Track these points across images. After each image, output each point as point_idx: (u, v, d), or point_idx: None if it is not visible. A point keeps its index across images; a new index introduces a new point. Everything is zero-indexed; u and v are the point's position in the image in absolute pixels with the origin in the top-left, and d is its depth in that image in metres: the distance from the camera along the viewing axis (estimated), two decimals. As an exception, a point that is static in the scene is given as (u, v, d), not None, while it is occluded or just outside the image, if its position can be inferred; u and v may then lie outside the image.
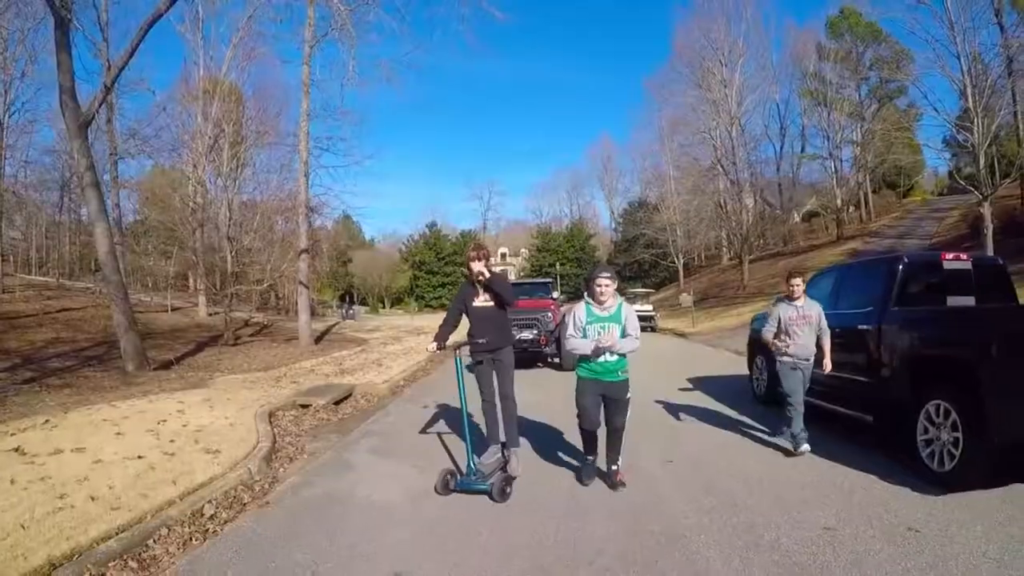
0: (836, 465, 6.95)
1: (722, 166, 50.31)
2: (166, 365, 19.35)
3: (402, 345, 27.93)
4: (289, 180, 38.26)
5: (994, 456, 5.73)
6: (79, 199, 48.47)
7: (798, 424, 7.45)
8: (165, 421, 9.50)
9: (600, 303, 6.18)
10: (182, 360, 20.85)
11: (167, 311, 34.57)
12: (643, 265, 75.76)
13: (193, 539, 5.27)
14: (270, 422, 9.82)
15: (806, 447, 7.35)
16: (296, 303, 50.46)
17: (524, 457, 7.21)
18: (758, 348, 11.26)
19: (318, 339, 30.86)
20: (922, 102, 36.02)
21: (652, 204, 66.69)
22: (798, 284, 7.77)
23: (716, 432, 8.99)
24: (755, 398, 11.48)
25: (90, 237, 52.12)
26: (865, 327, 7.85)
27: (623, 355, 6.17)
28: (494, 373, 7.16)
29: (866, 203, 61.50)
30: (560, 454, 7.67)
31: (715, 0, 52.15)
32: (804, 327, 7.68)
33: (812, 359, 7.81)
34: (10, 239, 43.66)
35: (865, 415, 7.76)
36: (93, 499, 5.74)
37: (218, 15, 35.56)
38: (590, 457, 6.57)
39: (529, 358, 17.15)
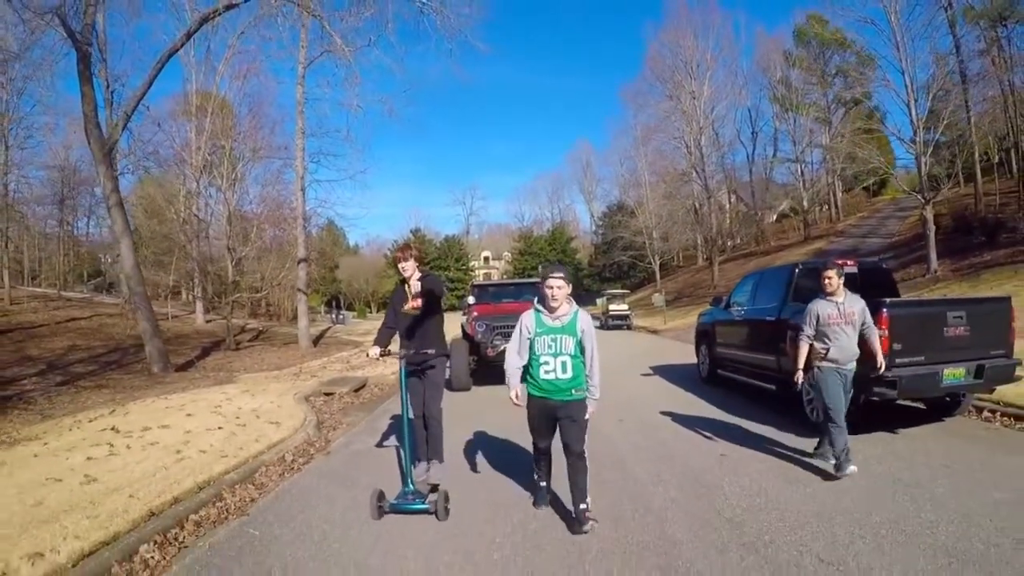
0: (745, 420, 9.38)
1: (696, 171, 52.44)
2: (184, 367, 21.24)
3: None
4: (282, 192, 39.73)
5: (853, 411, 8.04)
6: (73, 214, 50.02)
7: (840, 442, 6.49)
8: (220, 406, 11.62)
9: (551, 310, 5.34)
10: (195, 363, 22.70)
11: (167, 319, 35.91)
12: (622, 267, 77.31)
13: (285, 473, 7.54)
14: (307, 404, 12.07)
15: (852, 468, 6.32)
16: (287, 309, 52.29)
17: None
18: (702, 338, 13.81)
19: (315, 342, 32.38)
20: (878, 112, 38.37)
21: (630, 208, 68.28)
22: (831, 277, 6.87)
23: (663, 402, 11.30)
24: (700, 379, 13.80)
25: (78, 247, 53.65)
26: (771, 318, 10.11)
27: (576, 375, 5.34)
28: (423, 387, 6.84)
29: (835, 203, 63.39)
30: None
31: (684, 16, 54.69)
32: (846, 327, 6.74)
33: (855, 364, 6.85)
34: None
35: (769, 385, 10.12)
36: (203, 452, 7.95)
37: (211, 33, 35.77)
38: (543, 483, 5.90)
39: None
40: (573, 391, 5.32)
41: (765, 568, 4.35)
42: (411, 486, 5.93)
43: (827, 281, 6.88)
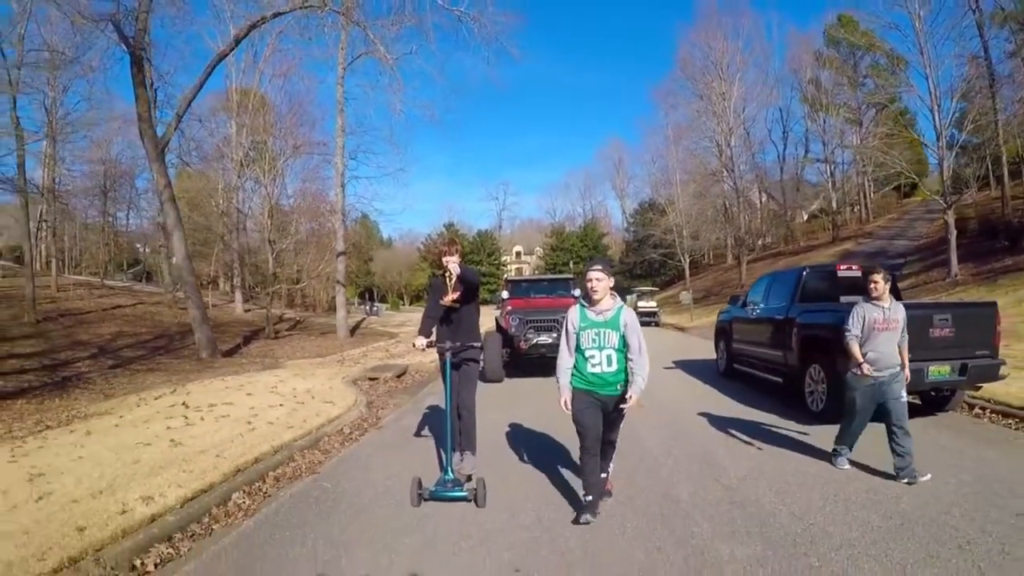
0: (753, 409, 10.34)
1: (726, 170, 52.94)
2: (229, 353, 22.43)
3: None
4: (320, 187, 40.94)
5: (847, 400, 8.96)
6: (114, 205, 51.37)
7: (848, 437, 6.86)
8: (276, 388, 12.73)
9: (593, 303, 5.51)
10: (238, 350, 23.90)
11: (207, 308, 36.94)
12: (653, 264, 77.28)
13: (345, 443, 8.67)
14: (356, 387, 13.21)
15: (847, 465, 6.80)
16: (323, 300, 53.53)
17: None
18: (720, 335, 14.83)
19: (352, 332, 33.59)
20: (908, 114, 38.76)
21: (661, 206, 68.61)
22: (878, 281, 6.66)
23: (681, 392, 12.46)
24: (718, 373, 14.77)
25: (117, 237, 55.14)
26: (780, 317, 11.04)
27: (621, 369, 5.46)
28: (458, 378, 6.96)
29: (865, 204, 63.56)
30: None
31: (715, 18, 55.43)
32: (889, 333, 6.63)
33: (898, 371, 6.67)
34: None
35: (775, 377, 11.13)
36: (271, 424, 9.07)
37: (251, 35, 36.09)
38: (589, 496, 5.54)
39: (548, 365, 13.87)
40: (618, 386, 5.44)
41: (747, 519, 5.32)
42: (451, 474, 6.19)
43: (873, 285, 6.69)
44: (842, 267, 11.32)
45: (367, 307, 67.70)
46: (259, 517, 5.75)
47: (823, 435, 7.99)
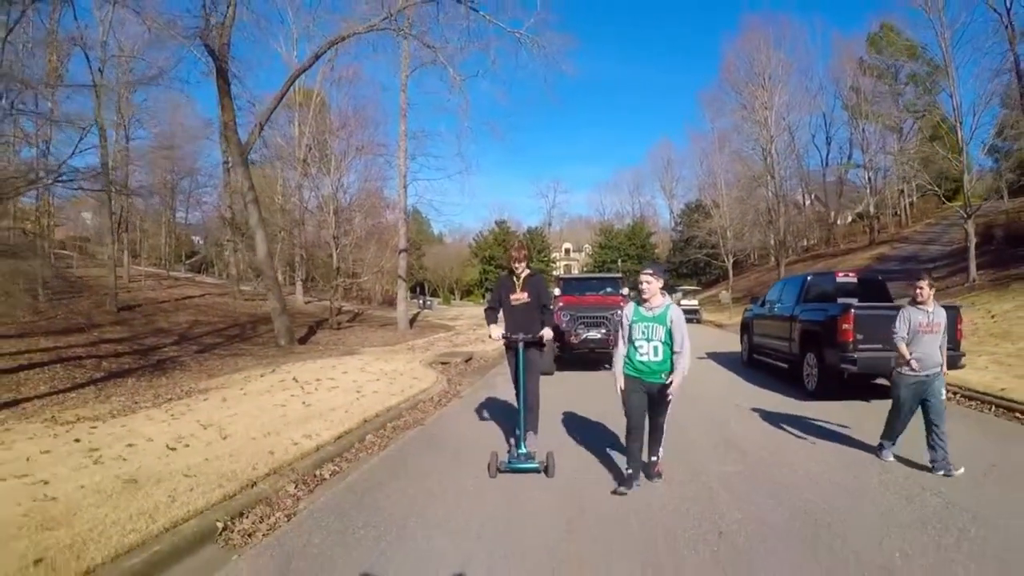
0: (762, 388, 12.70)
1: (769, 175, 54.43)
2: (302, 341, 24.25)
3: (488, 329, 32.51)
4: (380, 186, 43.20)
5: (833, 382, 11.09)
6: (176, 200, 53.94)
7: (888, 432, 7.33)
8: (364, 368, 14.95)
9: (643, 302, 6.18)
10: (309, 339, 25.70)
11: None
12: (698, 264, 78.02)
13: (437, 407, 11.06)
14: (432, 369, 15.46)
15: (890, 457, 7.25)
16: (378, 293, 55.62)
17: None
18: (744, 330, 17.07)
19: (410, 324, 35.52)
20: (942, 127, 39.86)
21: (706, 208, 69.12)
22: (923, 287, 7.04)
23: (709, 377, 14.56)
24: (742, 362, 16.93)
25: (177, 230, 57.53)
26: (789, 314, 13.25)
27: (665, 359, 6.14)
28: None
29: (905, 208, 64.36)
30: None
31: (758, 28, 56.66)
32: (932, 335, 6.98)
33: (939, 370, 7.02)
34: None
35: (783, 364, 13.48)
36: (375, 393, 11.40)
37: (312, 36, 37.39)
38: (630, 470, 6.33)
39: (596, 359, 15.85)
40: (663, 375, 6.09)
41: (735, 453, 7.59)
42: (524, 448, 6.92)
43: (918, 291, 7.04)
44: (840, 274, 13.38)
45: (420, 301, 69.38)
46: (390, 449, 8.07)
47: (813, 409, 10.30)
